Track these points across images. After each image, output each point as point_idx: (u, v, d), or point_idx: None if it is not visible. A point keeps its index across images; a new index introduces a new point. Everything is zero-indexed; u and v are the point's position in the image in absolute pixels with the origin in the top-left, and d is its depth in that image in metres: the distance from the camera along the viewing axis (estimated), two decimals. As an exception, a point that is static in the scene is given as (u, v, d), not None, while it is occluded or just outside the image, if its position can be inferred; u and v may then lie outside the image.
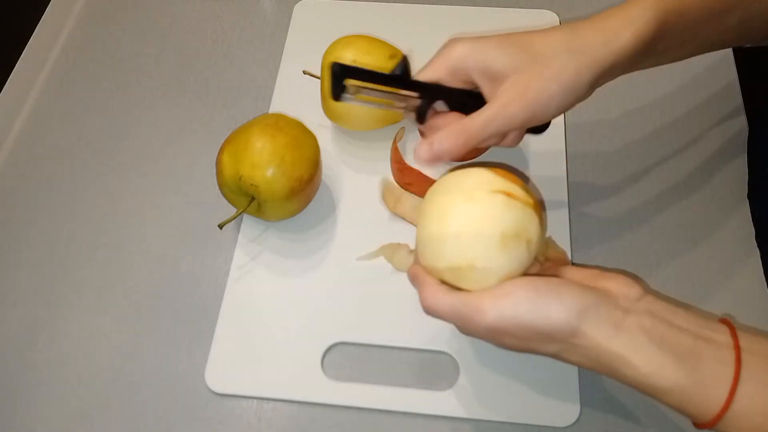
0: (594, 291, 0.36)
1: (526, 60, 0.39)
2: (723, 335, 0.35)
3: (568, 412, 0.47)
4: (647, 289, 0.37)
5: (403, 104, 0.43)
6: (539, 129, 0.47)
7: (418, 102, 0.42)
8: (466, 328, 0.37)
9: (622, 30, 0.39)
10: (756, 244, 0.53)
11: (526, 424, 0.47)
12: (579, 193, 0.56)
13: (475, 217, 0.37)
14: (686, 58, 0.45)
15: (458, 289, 0.38)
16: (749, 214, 0.55)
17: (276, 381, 0.49)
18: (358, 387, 0.48)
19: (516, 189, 0.39)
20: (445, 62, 0.41)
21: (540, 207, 0.40)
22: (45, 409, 0.49)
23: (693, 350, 0.34)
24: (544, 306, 0.35)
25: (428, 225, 0.39)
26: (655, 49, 0.41)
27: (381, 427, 0.47)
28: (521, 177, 0.44)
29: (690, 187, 0.56)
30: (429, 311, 0.38)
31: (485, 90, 0.41)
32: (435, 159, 0.40)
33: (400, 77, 0.41)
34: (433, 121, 0.43)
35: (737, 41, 0.47)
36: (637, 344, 0.34)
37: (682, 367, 0.33)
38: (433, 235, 0.38)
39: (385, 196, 0.54)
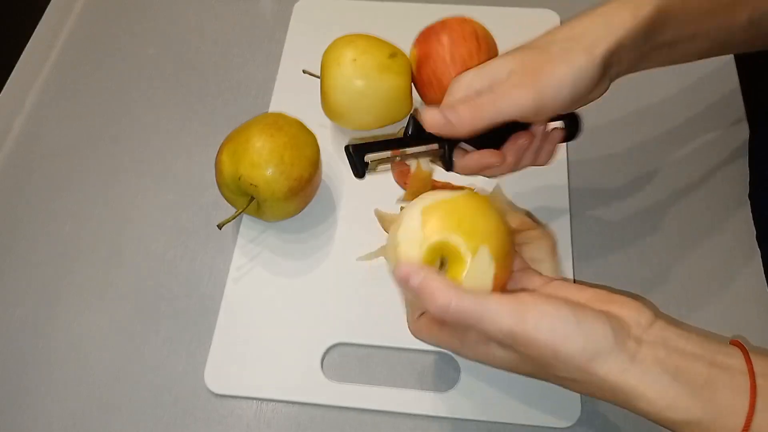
0: (609, 319, 0.34)
1: (528, 54, 0.39)
2: (737, 360, 0.33)
3: (569, 412, 0.46)
4: (657, 314, 0.35)
5: (428, 157, 0.42)
6: (571, 134, 0.46)
7: (440, 151, 0.42)
8: (484, 329, 0.34)
9: (620, 11, 0.39)
10: (757, 245, 0.53)
11: (526, 425, 0.46)
12: (580, 195, 0.56)
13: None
14: (699, 57, 0.45)
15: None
16: (750, 214, 0.55)
17: (275, 382, 0.49)
18: (358, 388, 0.48)
19: None
20: (454, 96, 0.40)
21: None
22: (45, 409, 0.49)
23: (708, 379, 0.33)
24: (563, 328, 0.33)
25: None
26: (660, 36, 0.41)
27: (381, 427, 0.47)
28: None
29: (690, 188, 0.56)
30: (444, 310, 0.34)
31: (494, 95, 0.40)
32: (446, 126, 0.39)
33: (414, 136, 0.40)
34: (464, 162, 0.42)
35: (753, 43, 0.46)
36: (652, 377, 0.33)
37: (698, 399, 0.32)
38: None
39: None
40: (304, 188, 0.51)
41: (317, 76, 0.56)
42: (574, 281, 0.52)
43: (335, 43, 0.56)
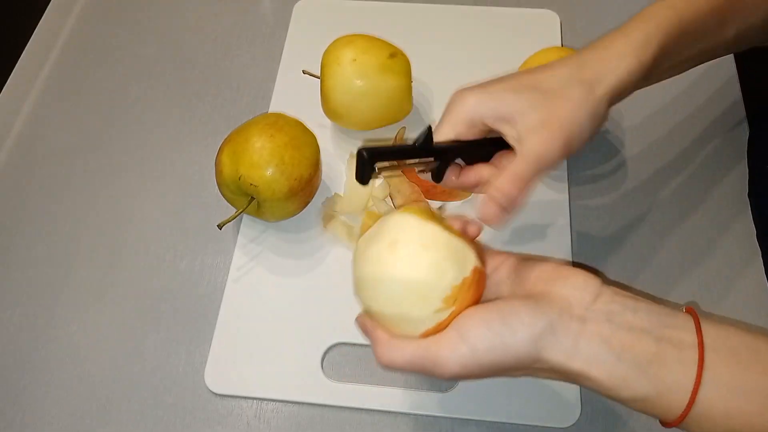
0: (545, 309, 0.35)
1: (540, 98, 0.40)
2: (687, 333, 0.34)
3: (569, 412, 0.46)
4: (603, 286, 0.36)
5: (421, 168, 0.43)
6: None
7: (435, 164, 0.42)
8: (432, 376, 0.36)
9: (626, 56, 0.41)
10: (757, 244, 0.53)
11: (526, 425, 0.47)
12: (579, 193, 0.56)
13: (419, 266, 0.36)
14: (685, 71, 0.47)
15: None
16: (750, 213, 0.55)
17: (275, 381, 0.49)
18: (357, 387, 0.48)
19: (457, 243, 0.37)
20: (460, 116, 0.41)
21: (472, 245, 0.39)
22: (45, 409, 0.49)
23: (655, 355, 0.33)
24: (500, 343, 0.34)
25: (367, 265, 0.38)
26: (658, 68, 0.43)
27: (381, 427, 0.47)
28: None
29: (691, 187, 0.56)
30: (387, 368, 0.37)
31: (507, 133, 0.41)
32: (504, 212, 0.40)
33: (424, 147, 0.41)
34: (465, 178, 0.43)
35: (736, 49, 0.48)
36: (598, 358, 0.33)
37: (643, 377, 0.33)
38: (372, 275, 0.37)
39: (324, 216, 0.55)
40: (304, 188, 0.51)
41: (317, 77, 0.56)
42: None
43: (335, 43, 0.56)
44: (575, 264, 0.53)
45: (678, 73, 0.47)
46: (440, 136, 0.41)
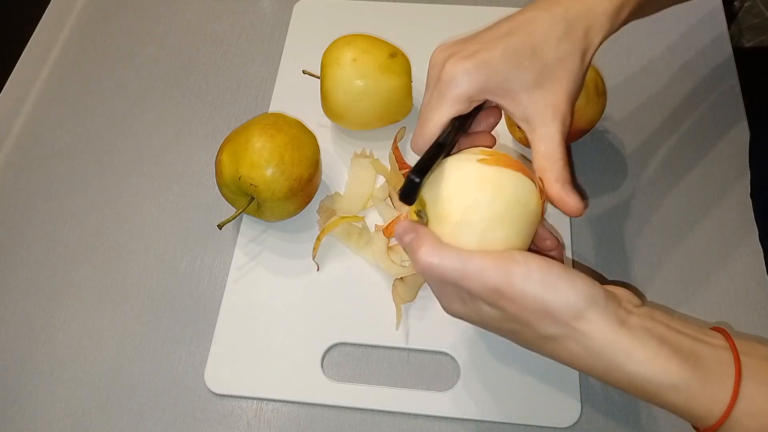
0: (602, 287, 0.35)
1: (542, 71, 0.39)
2: (719, 340, 0.35)
3: (569, 412, 0.46)
4: (646, 302, 0.37)
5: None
6: None
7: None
8: (468, 287, 0.34)
9: (610, 14, 0.41)
10: (759, 244, 0.53)
11: (526, 425, 0.46)
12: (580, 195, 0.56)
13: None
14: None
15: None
16: (753, 213, 0.55)
17: (276, 381, 0.49)
18: (358, 387, 0.48)
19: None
20: (462, 94, 0.39)
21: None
22: (45, 409, 0.49)
23: (693, 351, 0.33)
24: (553, 282, 0.33)
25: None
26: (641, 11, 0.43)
27: (381, 427, 0.47)
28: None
29: (693, 187, 0.56)
30: (426, 268, 0.35)
31: (512, 110, 0.40)
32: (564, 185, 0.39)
33: (449, 140, 0.40)
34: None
35: None
36: (641, 339, 0.33)
37: (686, 364, 0.32)
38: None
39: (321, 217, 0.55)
40: (304, 188, 0.51)
41: (317, 76, 0.56)
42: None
43: (335, 43, 0.56)
44: (575, 265, 0.53)
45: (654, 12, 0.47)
46: (443, 116, 0.40)
